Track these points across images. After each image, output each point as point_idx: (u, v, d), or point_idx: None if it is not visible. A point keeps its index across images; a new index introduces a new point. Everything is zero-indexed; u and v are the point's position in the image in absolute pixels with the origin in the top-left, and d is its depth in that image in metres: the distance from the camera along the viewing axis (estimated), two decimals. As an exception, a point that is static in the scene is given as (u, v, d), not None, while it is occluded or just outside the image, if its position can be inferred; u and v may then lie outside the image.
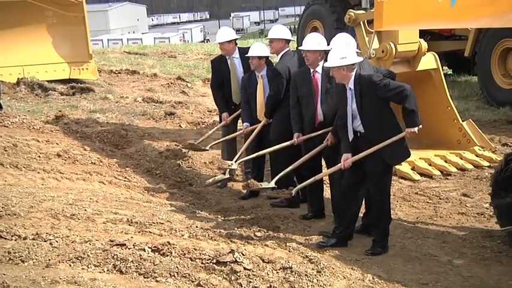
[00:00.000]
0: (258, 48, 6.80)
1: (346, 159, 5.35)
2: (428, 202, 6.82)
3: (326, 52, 5.73)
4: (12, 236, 4.85)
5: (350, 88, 5.29)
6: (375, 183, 5.37)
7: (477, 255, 5.33)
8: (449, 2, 6.41)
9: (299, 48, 6.46)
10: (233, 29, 8.20)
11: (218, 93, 7.53)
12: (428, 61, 8.19)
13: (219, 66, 7.51)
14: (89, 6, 13.39)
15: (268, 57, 6.91)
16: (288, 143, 6.21)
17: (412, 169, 7.64)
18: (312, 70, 6.03)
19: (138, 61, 16.32)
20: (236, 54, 7.36)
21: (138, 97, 11.89)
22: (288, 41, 6.68)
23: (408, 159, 7.64)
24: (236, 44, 7.46)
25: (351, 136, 5.36)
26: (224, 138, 7.48)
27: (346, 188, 5.53)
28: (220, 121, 7.65)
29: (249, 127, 6.97)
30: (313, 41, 5.97)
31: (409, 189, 7.22)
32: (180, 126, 10.09)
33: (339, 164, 5.44)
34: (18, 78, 11.94)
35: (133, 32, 53.09)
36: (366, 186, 5.46)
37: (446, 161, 7.82)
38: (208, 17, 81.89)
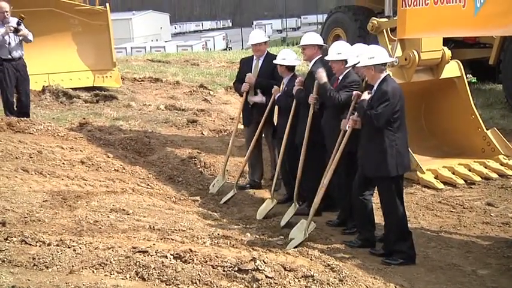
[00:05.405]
0: (291, 56, 6.85)
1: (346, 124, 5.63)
2: (451, 211, 6.74)
3: None
4: (36, 242, 4.91)
5: (374, 90, 5.40)
6: (380, 189, 5.53)
7: (502, 266, 5.26)
8: (473, 10, 6.36)
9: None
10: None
11: (238, 86, 7.70)
12: (452, 69, 8.12)
13: (244, 65, 7.80)
14: (113, 15, 13.52)
15: (295, 66, 6.98)
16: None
17: (435, 178, 7.57)
18: (337, 77, 6.13)
19: (161, 69, 16.41)
20: (263, 57, 7.45)
21: (161, 105, 11.96)
22: (320, 47, 6.69)
23: (431, 168, 7.65)
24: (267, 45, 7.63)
25: None
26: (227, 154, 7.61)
27: (356, 192, 5.66)
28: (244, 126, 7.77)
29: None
30: (334, 51, 6.04)
31: (432, 198, 7.15)
32: (202, 133, 10.13)
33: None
34: (43, 86, 12.09)
35: (157, 40, 53.34)
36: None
37: (470, 170, 7.73)
38: (230, 25, 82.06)
